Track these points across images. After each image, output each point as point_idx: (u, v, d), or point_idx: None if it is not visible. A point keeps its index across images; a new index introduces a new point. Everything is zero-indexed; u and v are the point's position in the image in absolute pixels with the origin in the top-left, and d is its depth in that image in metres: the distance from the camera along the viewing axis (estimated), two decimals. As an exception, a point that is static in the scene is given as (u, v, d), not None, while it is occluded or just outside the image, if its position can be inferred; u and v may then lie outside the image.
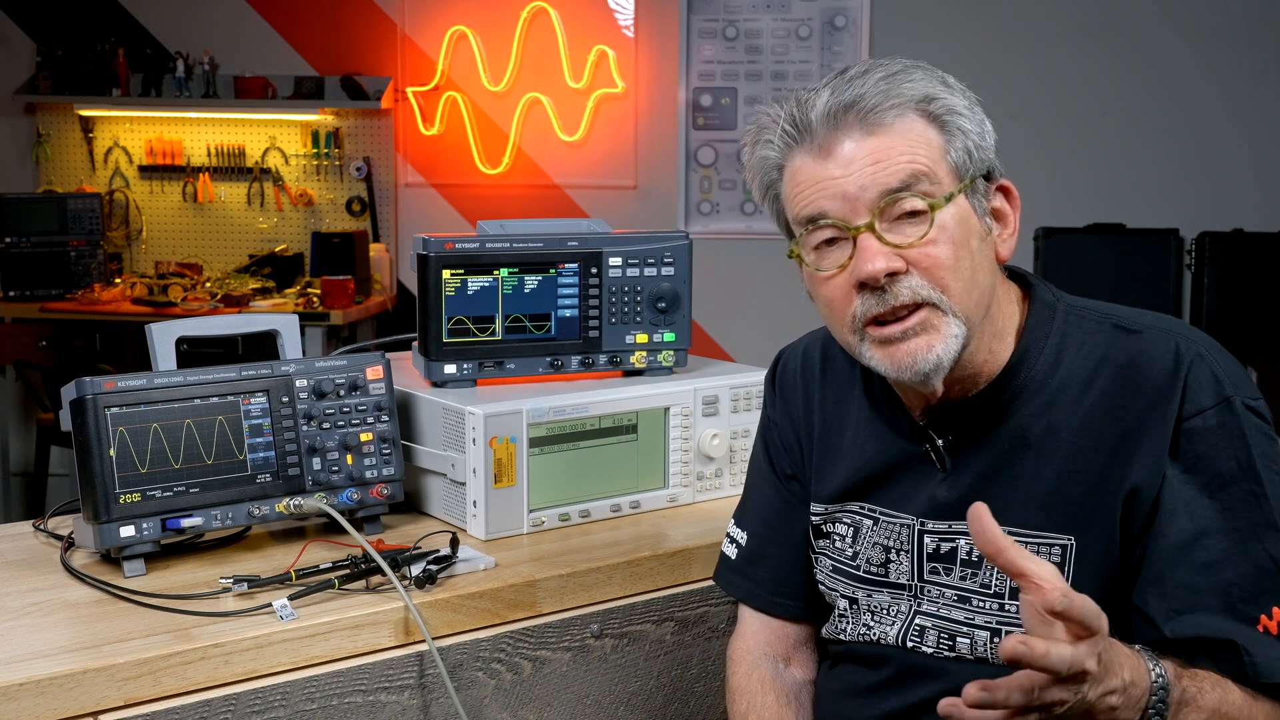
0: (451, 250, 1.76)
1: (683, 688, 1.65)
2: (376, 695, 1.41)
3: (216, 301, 4.78)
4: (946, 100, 1.26)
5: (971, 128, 1.27)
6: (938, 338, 1.24)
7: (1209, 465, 1.21)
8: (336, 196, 5.31)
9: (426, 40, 5.21)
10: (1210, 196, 4.84)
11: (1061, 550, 1.25)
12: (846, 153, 1.24)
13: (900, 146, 1.23)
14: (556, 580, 1.54)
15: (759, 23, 5.06)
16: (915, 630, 1.34)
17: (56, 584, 1.48)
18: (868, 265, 1.22)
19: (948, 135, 1.26)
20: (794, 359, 1.54)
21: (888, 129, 1.24)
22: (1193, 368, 1.23)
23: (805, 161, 1.27)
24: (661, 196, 5.16)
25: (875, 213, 1.23)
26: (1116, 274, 4.65)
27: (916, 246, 1.23)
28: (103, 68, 5.21)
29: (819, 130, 1.25)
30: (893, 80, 1.25)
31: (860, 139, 1.24)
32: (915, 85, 1.25)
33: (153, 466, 1.49)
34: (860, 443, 1.41)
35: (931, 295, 1.23)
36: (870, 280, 1.23)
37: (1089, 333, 1.30)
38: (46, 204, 5.05)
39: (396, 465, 1.64)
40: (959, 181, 1.25)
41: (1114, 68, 4.88)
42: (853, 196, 1.23)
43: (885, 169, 1.23)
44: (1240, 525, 1.20)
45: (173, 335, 1.66)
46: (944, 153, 1.25)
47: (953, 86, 1.28)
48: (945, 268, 1.23)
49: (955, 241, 1.24)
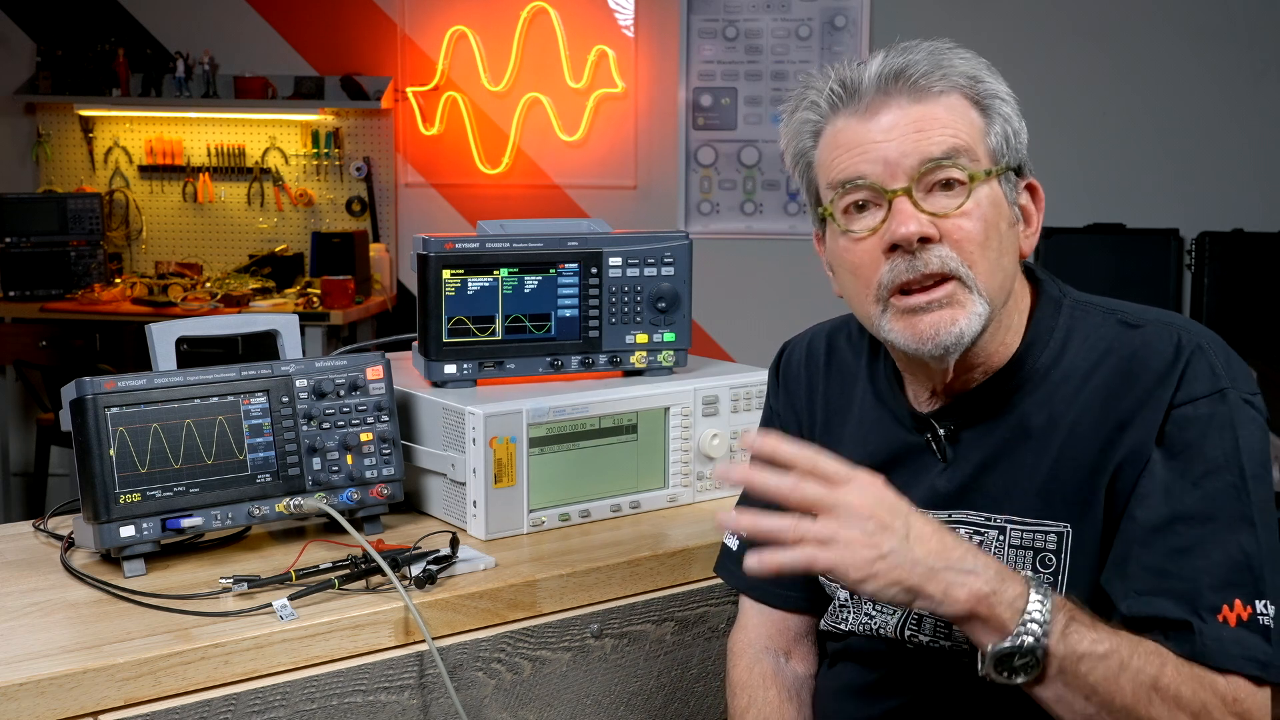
0: (451, 250, 1.76)
1: (683, 688, 1.65)
2: (376, 695, 1.41)
3: (216, 301, 4.78)
4: (991, 85, 1.29)
5: (1012, 115, 1.30)
6: (962, 312, 1.25)
7: (1195, 453, 1.21)
8: (336, 196, 5.31)
9: (426, 40, 5.21)
10: (1210, 196, 4.84)
11: (1058, 538, 1.26)
12: (890, 118, 1.27)
13: (945, 118, 1.26)
14: (556, 580, 1.54)
15: (759, 23, 5.06)
16: (914, 619, 1.35)
17: (56, 584, 1.48)
18: (902, 227, 1.24)
19: (989, 119, 1.29)
20: (798, 350, 1.54)
21: (934, 100, 1.27)
22: (1192, 358, 1.24)
23: (849, 123, 1.29)
24: (661, 196, 5.16)
25: (914, 179, 1.25)
26: (1116, 274, 4.65)
27: (951, 217, 1.24)
28: (103, 68, 5.21)
29: (867, 93, 1.28)
30: (942, 55, 1.28)
31: (906, 106, 1.26)
32: (964, 63, 1.29)
33: (153, 466, 1.49)
34: (863, 434, 1.42)
35: (959, 269, 1.25)
36: (904, 242, 1.24)
37: (1094, 326, 1.31)
38: (46, 204, 5.05)
39: (396, 465, 1.64)
40: (995, 164, 1.28)
41: (1114, 68, 4.89)
42: (893, 161, 1.25)
43: (928, 137, 1.25)
44: (1217, 515, 1.19)
45: (173, 335, 1.66)
46: (984, 134, 1.28)
47: (996, 74, 1.32)
48: (975, 242, 1.25)
49: (987, 220, 1.26)
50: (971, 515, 1.31)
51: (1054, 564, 1.26)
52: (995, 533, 1.29)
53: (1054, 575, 1.26)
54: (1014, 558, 1.28)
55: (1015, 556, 1.28)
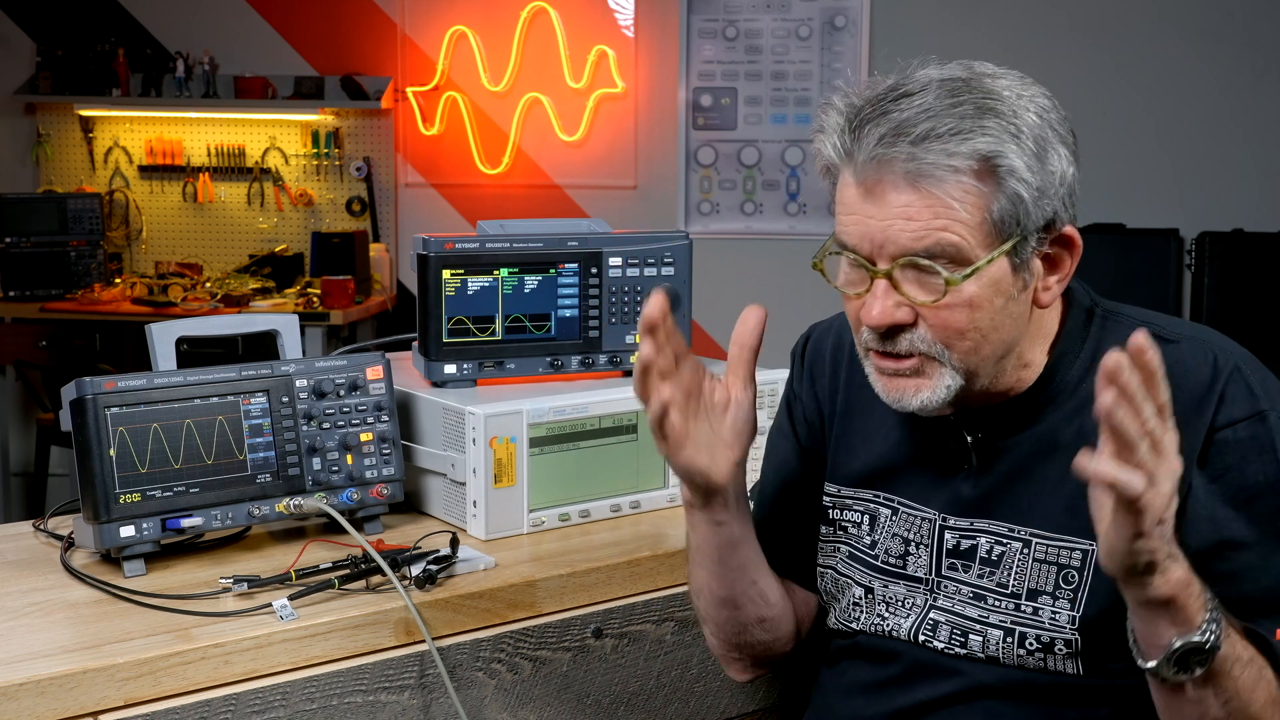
0: (451, 250, 1.76)
1: (683, 688, 1.65)
2: (376, 695, 1.41)
3: (216, 301, 4.78)
4: (1010, 161, 1.17)
5: (1028, 190, 1.18)
6: (927, 384, 1.24)
7: (1237, 477, 1.21)
8: (336, 196, 5.31)
9: (426, 40, 5.21)
10: (1210, 196, 4.84)
11: (1083, 555, 1.25)
12: (885, 195, 1.19)
13: (938, 208, 1.17)
14: (556, 580, 1.54)
15: (759, 23, 5.06)
16: (929, 625, 1.34)
17: (56, 584, 1.48)
18: (872, 313, 1.22)
19: (998, 193, 1.18)
20: (826, 337, 1.53)
21: (933, 186, 1.17)
22: (1230, 379, 1.23)
23: (849, 182, 1.23)
24: (661, 196, 5.16)
25: (895, 265, 1.21)
26: (1116, 274, 4.64)
27: (929, 307, 1.22)
28: (103, 68, 5.21)
29: (864, 164, 1.20)
30: (958, 137, 1.17)
31: (901, 187, 1.18)
32: (983, 141, 1.17)
33: (153, 466, 1.49)
34: (886, 430, 1.41)
35: (932, 349, 1.23)
36: (873, 328, 1.24)
37: (1125, 338, 1.30)
38: (46, 204, 5.05)
39: (396, 465, 1.64)
40: (998, 242, 1.19)
41: (1114, 68, 4.88)
42: (878, 243, 1.20)
43: (913, 229, 1.18)
44: (1264, 539, 1.19)
45: (173, 335, 1.66)
46: (987, 211, 1.18)
47: (1023, 136, 1.18)
48: (953, 331, 1.22)
49: (974, 305, 1.21)
50: (995, 525, 1.31)
51: (1076, 581, 1.26)
52: (1019, 545, 1.29)
53: (1074, 592, 1.25)
54: (1037, 571, 1.27)
55: (1038, 570, 1.27)
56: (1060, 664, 1.27)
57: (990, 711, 1.30)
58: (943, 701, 1.33)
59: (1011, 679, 1.29)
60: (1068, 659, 1.26)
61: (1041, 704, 1.28)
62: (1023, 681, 1.29)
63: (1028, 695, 1.29)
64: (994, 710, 1.30)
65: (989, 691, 1.30)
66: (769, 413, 1.83)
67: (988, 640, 1.30)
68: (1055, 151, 1.20)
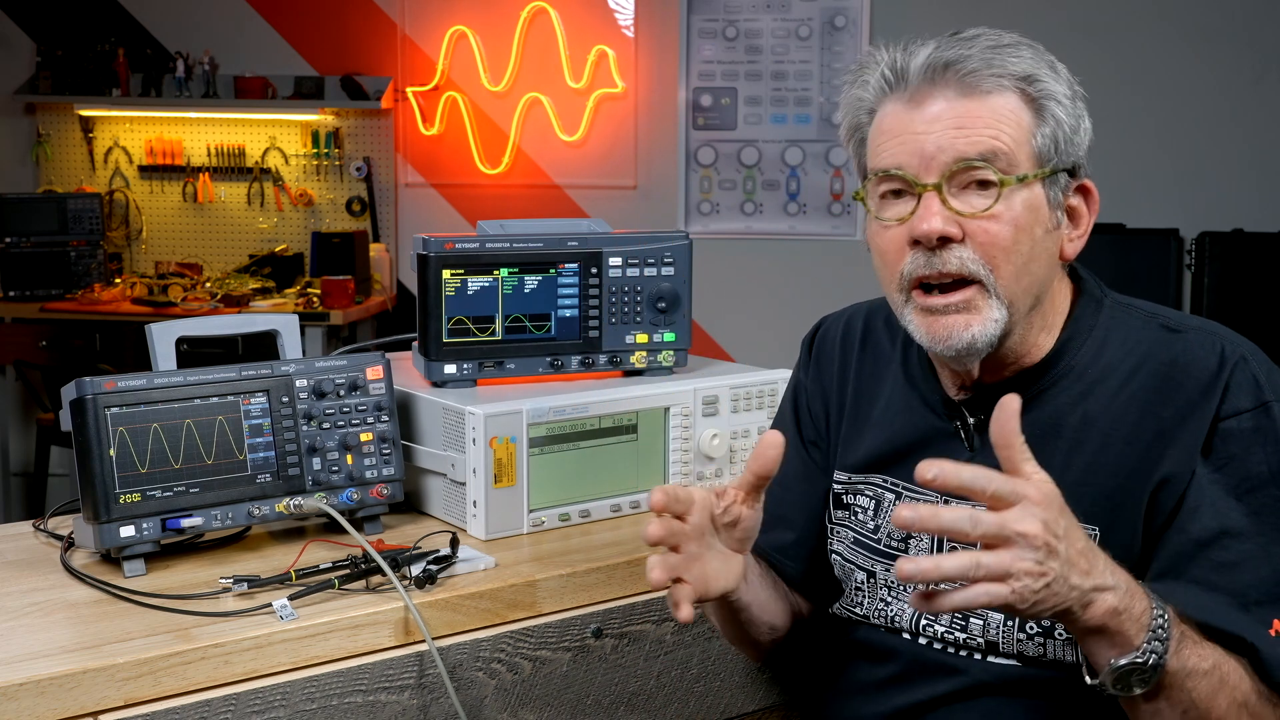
0: (451, 250, 1.76)
1: (683, 688, 1.65)
2: (376, 695, 1.41)
3: (216, 301, 4.78)
4: (1048, 85, 1.26)
5: (1066, 119, 1.26)
6: (977, 318, 1.25)
7: (1239, 467, 1.21)
8: (336, 196, 5.31)
9: (426, 40, 5.21)
10: (1210, 196, 4.84)
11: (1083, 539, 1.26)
12: (935, 110, 1.25)
13: (988, 118, 1.24)
14: (556, 580, 1.54)
15: (759, 23, 5.06)
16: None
17: (56, 584, 1.48)
18: (924, 224, 1.23)
19: (1040, 119, 1.25)
20: (835, 327, 1.54)
21: (982, 97, 1.24)
22: (1236, 369, 1.24)
23: (895, 109, 1.28)
24: (661, 196, 5.16)
25: (945, 176, 1.23)
26: (1116, 274, 4.64)
27: (978, 218, 1.23)
28: (103, 68, 5.21)
29: (914, 80, 1.26)
30: (1000, 52, 1.26)
31: (952, 99, 1.24)
32: (1021, 62, 1.25)
33: (153, 466, 1.49)
34: (891, 415, 1.42)
35: (980, 272, 1.24)
36: (924, 239, 1.24)
37: (1134, 329, 1.31)
38: (46, 204, 5.05)
39: (396, 465, 1.64)
40: (1039, 168, 1.25)
41: (1114, 68, 4.88)
42: (929, 155, 1.24)
43: (967, 136, 1.23)
44: (1264, 530, 1.20)
45: (173, 335, 1.66)
46: (1031, 135, 1.25)
47: (1059, 73, 1.28)
48: (1000, 246, 1.23)
49: (1018, 224, 1.24)
50: None
51: None
52: None
53: None
54: None
55: None
56: (1060, 650, 1.27)
57: (990, 710, 1.30)
58: (942, 700, 1.33)
59: (1010, 675, 1.29)
60: (1067, 644, 1.26)
61: (1040, 699, 1.28)
62: (1021, 678, 1.29)
63: (1026, 692, 1.29)
64: (993, 708, 1.30)
65: (988, 689, 1.30)
66: (769, 412, 1.84)
67: (988, 623, 1.30)
68: (1081, 104, 1.28)
